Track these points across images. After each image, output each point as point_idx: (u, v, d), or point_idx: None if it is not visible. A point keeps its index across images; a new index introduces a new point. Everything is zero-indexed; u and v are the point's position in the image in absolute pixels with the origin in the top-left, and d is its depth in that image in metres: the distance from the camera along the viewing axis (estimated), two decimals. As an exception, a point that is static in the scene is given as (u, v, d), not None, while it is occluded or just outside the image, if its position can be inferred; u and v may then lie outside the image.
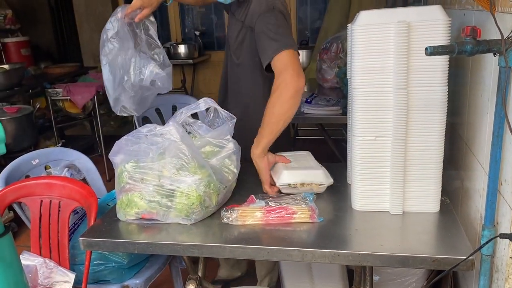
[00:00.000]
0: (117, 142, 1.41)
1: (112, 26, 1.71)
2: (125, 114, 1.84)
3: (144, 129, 1.41)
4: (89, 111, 4.13)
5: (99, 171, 2.10)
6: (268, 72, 1.64)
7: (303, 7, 5.65)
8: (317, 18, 5.39)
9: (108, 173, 3.89)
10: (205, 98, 1.52)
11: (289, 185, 1.49)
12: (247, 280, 2.42)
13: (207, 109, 1.59)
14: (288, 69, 1.50)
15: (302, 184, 1.49)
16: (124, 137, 1.40)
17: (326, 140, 3.20)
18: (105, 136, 4.14)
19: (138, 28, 1.76)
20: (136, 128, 2.97)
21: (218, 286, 2.33)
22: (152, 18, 1.78)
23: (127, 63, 1.72)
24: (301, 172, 1.51)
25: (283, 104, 1.50)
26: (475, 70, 1.43)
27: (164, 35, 5.47)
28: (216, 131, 1.53)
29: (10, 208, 1.78)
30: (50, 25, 6.32)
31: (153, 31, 1.77)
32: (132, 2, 1.68)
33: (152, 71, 1.71)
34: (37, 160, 1.98)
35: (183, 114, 1.47)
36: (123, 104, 1.79)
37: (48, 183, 1.69)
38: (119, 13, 1.71)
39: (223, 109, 1.54)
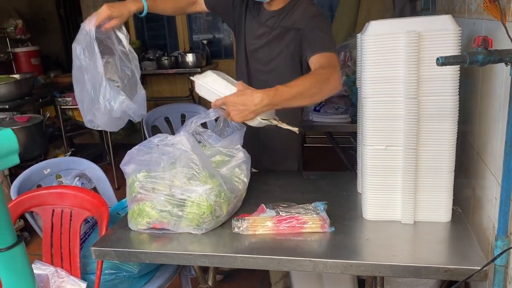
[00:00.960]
0: (128, 152, 1.42)
1: (80, 41, 1.61)
2: (97, 129, 1.78)
3: (156, 139, 1.42)
4: (98, 119, 4.15)
5: (108, 179, 2.11)
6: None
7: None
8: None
9: (117, 182, 3.92)
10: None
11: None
12: (261, 286, 2.43)
13: (216, 119, 1.60)
14: (338, 69, 1.53)
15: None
16: (136, 147, 1.41)
17: (334, 148, 3.20)
18: (114, 145, 4.18)
19: (110, 39, 1.65)
20: (145, 136, 3.01)
21: (220, 276, 2.33)
22: (123, 29, 1.68)
23: (96, 89, 1.61)
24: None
25: (322, 89, 1.46)
26: (486, 79, 1.43)
27: (172, 44, 5.51)
28: (226, 141, 1.54)
29: (21, 216, 1.79)
30: (59, 34, 6.39)
31: (125, 43, 1.66)
32: (99, 13, 1.60)
33: (121, 102, 1.60)
34: (48, 170, 2.00)
35: (193, 123, 1.48)
36: (97, 123, 1.69)
37: (60, 193, 1.70)
38: (86, 26, 1.60)
39: None
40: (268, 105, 1.36)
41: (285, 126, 1.47)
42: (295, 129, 1.46)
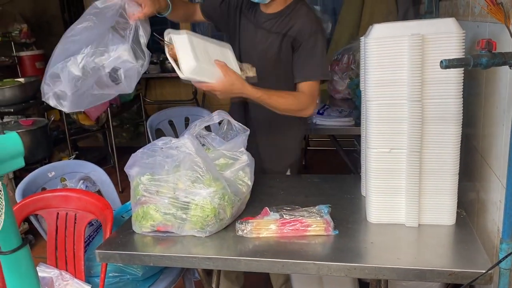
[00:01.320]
0: (132, 155, 1.42)
1: (98, 7, 1.40)
2: (51, 104, 1.45)
3: (160, 142, 1.42)
4: (103, 123, 4.18)
5: (112, 182, 2.11)
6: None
7: (313, 19, 5.67)
8: (328, 29, 5.41)
9: (120, 185, 3.93)
10: (219, 110, 1.53)
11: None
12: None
13: (220, 122, 1.61)
14: (314, 99, 1.76)
15: None
16: (140, 150, 1.42)
17: (338, 151, 3.19)
18: (118, 148, 4.19)
19: (126, 30, 1.44)
20: (148, 139, 3.02)
21: None
22: (148, 27, 1.54)
23: (89, 38, 1.35)
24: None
25: (296, 112, 1.75)
26: (489, 81, 1.43)
27: (175, 47, 5.52)
28: (229, 144, 1.54)
29: (26, 219, 1.80)
30: (64, 39, 6.42)
31: (144, 41, 1.49)
32: None
33: (120, 56, 1.35)
34: (53, 173, 2.01)
35: (197, 126, 1.49)
36: (58, 88, 1.41)
37: (65, 196, 1.71)
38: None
39: (236, 122, 1.55)
40: (246, 98, 1.62)
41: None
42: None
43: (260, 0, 1.72)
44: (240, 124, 1.55)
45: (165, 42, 1.49)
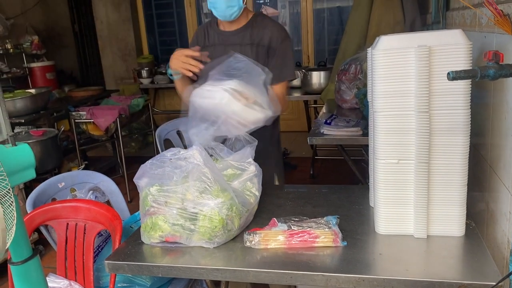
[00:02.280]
0: (142, 166, 1.44)
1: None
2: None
3: (169, 153, 1.44)
4: (112, 133, 4.21)
5: (121, 192, 2.13)
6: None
7: (320, 29, 5.71)
8: (335, 39, 5.44)
9: (129, 194, 3.95)
10: None
11: None
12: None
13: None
14: (285, 97, 1.97)
15: None
16: (149, 161, 1.43)
17: (346, 161, 3.19)
18: (126, 157, 4.22)
19: None
20: (157, 149, 3.04)
21: None
22: None
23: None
24: None
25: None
26: (497, 92, 1.43)
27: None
28: (237, 154, 1.55)
29: (36, 229, 1.82)
30: (74, 50, 6.52)
31: None
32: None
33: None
34: (63, 183, 2.03)
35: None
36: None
37: (74, 206, 1.72)
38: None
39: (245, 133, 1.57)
40: None
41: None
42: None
43: (226, 18, 1.81)
44: (248, 135, 1.57)
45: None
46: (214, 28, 1.97)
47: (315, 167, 4.58)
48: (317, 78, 4.22)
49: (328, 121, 2.64)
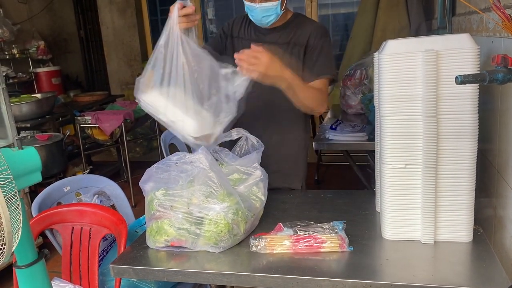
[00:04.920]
0: (147, 170, 1.44)
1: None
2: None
3: (174, 157, 1.43)
4: (117, 138, 4.22)
5: (125, 196, 2.13)
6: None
7: (325, 34, 5.69)
8: (340, 45, 5.44)
9: (133, 199, 3.95)
10: (237, 128, 1.56)
11: None
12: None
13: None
14: (327, 96, 1.85)
15: None
16: (155, 165, 1.43)
17: (351, 166, 3.18)
18: (131, 162, 4.22)
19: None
20: (161, 154, 3.04)
21: None
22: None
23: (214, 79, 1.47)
24: None
25: (316, 106, 1.77)
26: (505, 97, 1.42)
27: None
28: (243, 159, 1.55)
29: (41, 233, 1.82)
30: (79, 55, 6.56)
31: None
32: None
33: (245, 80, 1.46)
34: (68, 187, 2.03)
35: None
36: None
37: (80, 210, 1.72)
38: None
39: (254, 137, 1.56)
40: (278, 77, 1.51)
41: None
42: None
43: (263, 25, 1.77)
44: (257, 139, 1.56)
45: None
46: (252, 22, 1.85)
47: (320, 172, 4.57)
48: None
49: (333, 127, 2.63)
